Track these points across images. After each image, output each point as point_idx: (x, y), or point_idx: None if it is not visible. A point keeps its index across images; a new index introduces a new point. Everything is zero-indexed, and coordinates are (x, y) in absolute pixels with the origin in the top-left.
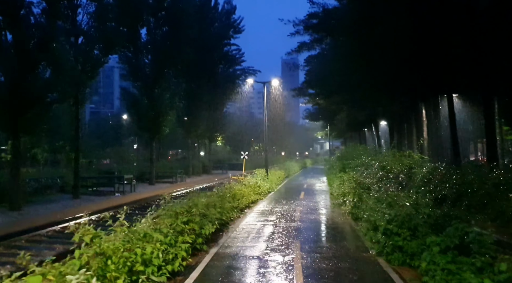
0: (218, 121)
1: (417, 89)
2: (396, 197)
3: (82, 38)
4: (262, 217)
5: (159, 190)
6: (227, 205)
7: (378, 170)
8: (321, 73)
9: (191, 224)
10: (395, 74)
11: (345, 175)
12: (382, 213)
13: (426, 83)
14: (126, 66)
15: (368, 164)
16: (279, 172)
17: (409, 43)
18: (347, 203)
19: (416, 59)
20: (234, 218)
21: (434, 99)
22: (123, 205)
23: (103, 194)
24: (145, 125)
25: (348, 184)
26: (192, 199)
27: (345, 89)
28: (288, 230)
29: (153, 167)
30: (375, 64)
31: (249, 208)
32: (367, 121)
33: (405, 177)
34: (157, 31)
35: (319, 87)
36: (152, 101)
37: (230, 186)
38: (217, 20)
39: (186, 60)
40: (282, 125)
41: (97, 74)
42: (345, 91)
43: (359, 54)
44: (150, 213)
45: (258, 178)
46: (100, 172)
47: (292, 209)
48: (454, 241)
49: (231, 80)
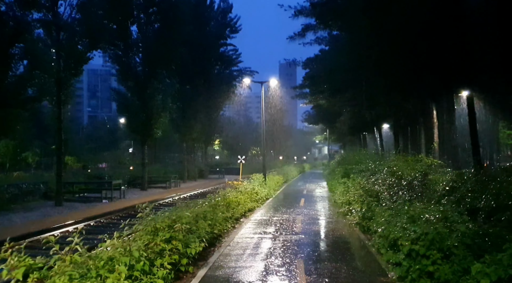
0: (214, 124)
1: (435, 84)
2: (418, 208)
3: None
4: (260, 228)
5: (150, 196)
6: (220, 216)
7: (387, 175)
8: (326, 69)
9: (174, 241)
10: (411, 67)
11: (349, 180)
12: (402, 228)
13: (446, 77)
14: (116, 66)
15: (376, 169)
16: (277, 177)
17: (430, 25)
18: (353, 213)
19: (438, 46)
20: (228, 229)
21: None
22: (109, 213)
23: (90, 201)
24: (136, 127)
25: (354, 191)
26: (176, 211)
27: (353, 86)
28: (289, 245)
29: (145, 172)
30: (388, 55)
31: (246, 216)
32: (370, 124)
33: (420, 184)
34: (148, 28)
35: (322, 85)
36: (143, 102)
37: (224, 193)
38: (213, 19)
39: (180, 60)
40: (280, 129)
41: (81, 72)
42: (352, 88)
43: (371, 43)
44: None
45: (256, 184)
46: (90, 177)
47: (292, 218)
48: (509, 271)
49: (227, 81)
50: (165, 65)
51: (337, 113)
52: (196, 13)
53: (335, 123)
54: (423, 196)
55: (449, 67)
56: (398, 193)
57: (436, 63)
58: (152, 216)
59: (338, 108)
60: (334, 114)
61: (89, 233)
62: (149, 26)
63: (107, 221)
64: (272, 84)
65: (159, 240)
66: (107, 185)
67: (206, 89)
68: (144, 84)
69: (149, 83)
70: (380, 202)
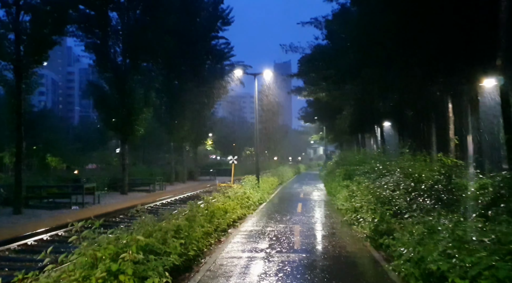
0: (205, 122)
1: (469, 63)
2: (466, 226)
3: (26, 13)
4: (250, 242)
5: (129, 201)
6: (199, 231)
7: (401, 178)
8: (332, 50)
9: (122, 277)
10: (445, 37)
11: (353, 183)
12: (446, 255)
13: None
14: (93, 56)
15: (384, 170)
16: (271, 179)
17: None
18: (361, 222)
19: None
20: (212, 244)
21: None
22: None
23: (59, 207)
24: (115, 124)
25: (362, 196)
26: (128, 234)
27: (367, 67)
28: (287, 270)
29: (125, 174)
30: (416, 25)
31: (235, 226)
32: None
33: (445, 189)
34: (129, 15)
35: (326, 69)
36: (123, 96)
37: (209, 200)
38: (203, 9)
39: (166, 52)
40: (275, 129)
41: (46, 59)
42: (365, 71)
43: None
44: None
45: (247, 187)
46: (65, 179)
47: (289, 229)
48: None
49: (219, 76)
50: (149, 56)
51: (337, 109)
52: (185, 1)
53: (335, 120)
54: (451, 204)
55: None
56: (416, 199)
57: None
58: (94, 237)
59: (339, 103)
60: (334, 110)
61: (27, 253)
62: (131, 12)
63: (66, 235)
64: (266, 76)
65: (99, 274)
66: (79, 189)
67: (196, 85)
68: (124, 76)
69: (130, 76)
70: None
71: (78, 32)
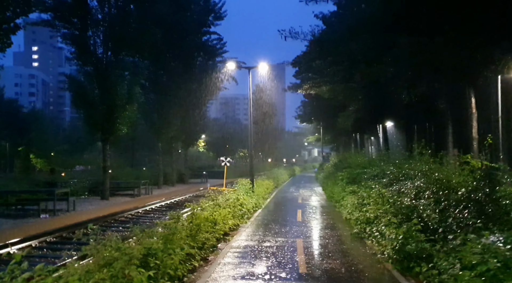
0: (196, 122)
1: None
2: None
3: None
4: (243, 264)
5: (108, 208)
6: (178, 254)
7: (427, 184)
8: (344, 31)
9: None
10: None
11: (361, 189)
12: None
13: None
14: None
15: (400, 174)
16: (266, 182)
17: None
18: (377, 237)
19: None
20: (197, 267)
21: None
22: (34, 237)
23: (27, 215)
24: (95, 122)
25: (376, 205)
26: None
27: (383, 54)
28: None
29: (106, 177)
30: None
31: (226, 240)
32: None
33: (487, 198)
34: (111, 2)
35: (336, 54)
36: (104, 92)
37: (194, 209)
38: (194, 2)
39: (154, 46)
40: (269, 130)
41: (8, 45)
42: (403, 41)
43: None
44: None
45: (241, 192)
46: (39, 183)
47: (290, 245)
48: None
49: (211, 73)
50: (134, 49)
51: (339, 106)
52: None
53: (335, 118)
54: (497, 218)
55: None
56: (449, 210)
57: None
58: None
59: (342, 99)
60: (335, 108)
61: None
62: (113, 1)
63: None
64: (262, 70)
65: None
66: (49, 194)
67: (186, 81)
68: (105, 70)
69: (112, 70)
70: (422, 223)
71: (54, 22)
